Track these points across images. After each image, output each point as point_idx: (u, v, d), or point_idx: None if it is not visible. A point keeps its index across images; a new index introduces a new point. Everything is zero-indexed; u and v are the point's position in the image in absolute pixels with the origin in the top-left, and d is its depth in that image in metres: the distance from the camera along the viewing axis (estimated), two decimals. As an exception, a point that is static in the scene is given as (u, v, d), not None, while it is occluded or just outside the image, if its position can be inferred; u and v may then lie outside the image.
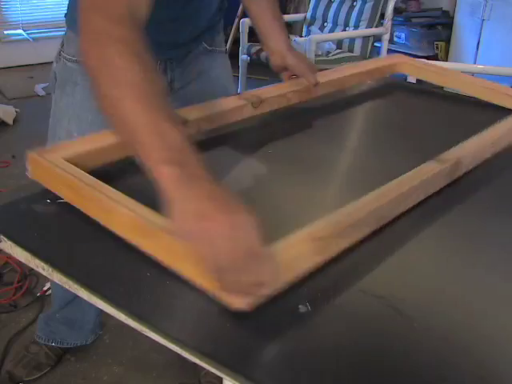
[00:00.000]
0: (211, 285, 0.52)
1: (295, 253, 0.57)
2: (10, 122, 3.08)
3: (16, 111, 3.16)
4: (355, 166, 0.92)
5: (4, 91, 3.51)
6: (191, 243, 0.49)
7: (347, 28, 3.26)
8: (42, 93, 3.41)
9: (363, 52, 3.18)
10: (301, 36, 3.40)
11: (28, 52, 3.93)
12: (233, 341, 0.52)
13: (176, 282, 0.59)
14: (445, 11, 3.68)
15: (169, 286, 0.58)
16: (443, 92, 1.28)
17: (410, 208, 0.73)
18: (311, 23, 3.47)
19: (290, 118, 1.06)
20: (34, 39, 3.98)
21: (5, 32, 3.95)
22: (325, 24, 3.39)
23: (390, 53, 3.46)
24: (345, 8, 3.28)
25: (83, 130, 1.04)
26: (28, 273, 1.84)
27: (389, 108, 1.20)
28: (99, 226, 0.69)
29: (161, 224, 0.56)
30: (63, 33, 1.14)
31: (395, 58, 1.32)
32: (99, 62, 0.59)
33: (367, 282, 0.61)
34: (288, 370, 0.49)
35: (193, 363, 0.52)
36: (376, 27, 3.15)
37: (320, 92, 1.10)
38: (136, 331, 0.54)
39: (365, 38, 3.16)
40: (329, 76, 1.16)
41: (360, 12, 3.19)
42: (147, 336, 0.53)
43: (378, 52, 3.20)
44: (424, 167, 0.75)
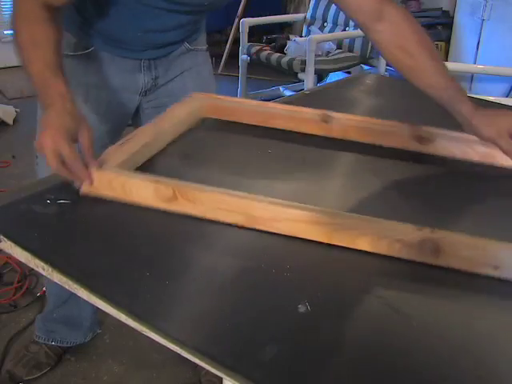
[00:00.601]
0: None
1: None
2: (10, 122, 3.08)
3: (16, 111, 3.16)
4: (355, 165, 0.93)
5: (4, 91, 3.51)
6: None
7: (347, 28, 3.26)
8: (42, 93, 3.40)
9: (363, 52, 3.18)
10: (301, 36, 3.40)
11: (28, 52, 3.93)
12: (233, 341, 0.52)
13: (176, 282, 0.59)
14: (445, 11, 3.68)
15: (169, 286, 0.58)
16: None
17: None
18: (311, 23, 3.47)
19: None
20: (34, 39, 3.98)
21: (5, 32, 3.95)
22: (325, 24, 3.39)
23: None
24: (345, 8, 3.27)
25: None
26: (28, 273, 1.84)
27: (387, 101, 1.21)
28: (99, 226, 0.69)
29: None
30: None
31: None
32: (27, 36, 0.85)
33: (367, 282, 0.61)
34: (288, 370, 0.49)
35: (193, 363, 0.52)
36: (376, 27, 3.14)
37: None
38: (136, 331, 0.54)
39: (365, 38, 3.15)
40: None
41: (360, 12, 3.18)
42: (147, 336, 0.53)
43: (378, 52, 3.20)
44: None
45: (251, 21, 3.29)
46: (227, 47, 4.19)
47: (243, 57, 3.25)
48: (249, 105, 1.04)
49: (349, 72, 3.21)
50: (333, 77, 3.44)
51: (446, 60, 3.46)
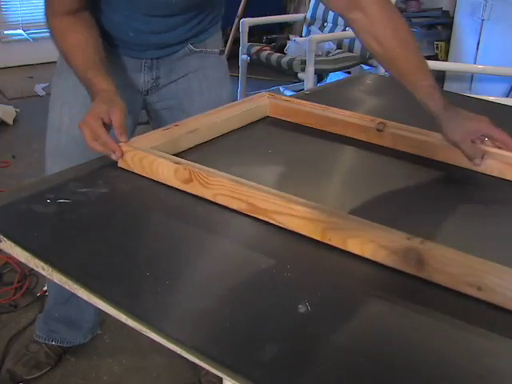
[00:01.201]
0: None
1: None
2: (10, 122, 3.08)
3: (16, 111, 3.16)
4: (355, 165, 0.93)
5: (4, 91, 3.51)
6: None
7: (347, 28, 3.25)
8: (42, 93, 3.41)
9: (363, 52, 3.17)
10: (301, 36, 3.40)
11: (28, 52, 3.93)
12: (233, 341, 0.52)
13: (176, 282, 0.59)
14: (445, 11, 3.68)
15: (169, 286, 0.58)
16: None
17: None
18: (311, 23, 3.47)
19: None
20: (34, 39, 3.98)
21: (5, 32, 3.95)
22: (325, 24, 3.39)
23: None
24: (345, 8, 3.27)
25: (73, 116, 1.10)
26: (28, 273, 1.84)
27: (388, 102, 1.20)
28: (99, 226, 0.69)
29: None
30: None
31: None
32: (65, 45, 1.00)
33: (367, 283, 0.61)
34: (288, 370, 0.49)
35: (193, 363, 0.52)
36: (376, 27, 3.14)
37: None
38: (136, 331, 0.54)
39: (365, 38, 3.15)
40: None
41: (360, 12, 3.18)
42: (147, 336, 0.53)
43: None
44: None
45: (251, 21, 3.29)
46: (227, 47, 4.19)
47: (243, 57, 3.25)
48: (314, 108, 1.03)
49: (349, 72, 3.21)
50: (333, 77, 3.44)
51: (446, 60, 3.46)
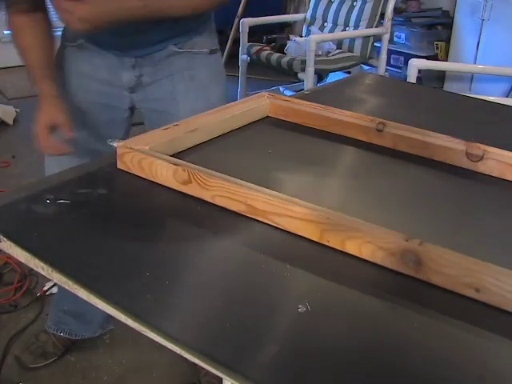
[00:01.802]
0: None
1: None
2: (10, 122, 3.08)
3: (16, 111, 3.16)
4: (354, 165, 0.93)
5: (4, 91, 3.51)
6: None
7: (347, 28, 3.26)
8: (42, 93, 3.41)
9: (363, 52, 3.18)
10: (301, 36, 3.40)
11: (28, 52, 3.93)
12: (233, 341, 0.52)
13: (176, 282, 0.59)
14: (445, 11, 3.68)
15: (169, 286, 0.58)
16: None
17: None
18: (311, 23, 3.47)
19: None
20: (34, 39, 3.98)
21: (5, 32, 3.95)
22: (325, 24, 3.39)
23: (390, 53, 3.47)
24: (345, 8, 3.28)
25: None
26: (28, 273, 1.84)
27: (389, 103, 1.20)
28: (99, 227, 0.69)
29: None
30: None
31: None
32: (20, 43, 1.12)
33: (367, 283, 0.61)
34: (288, 370, 0.49)
35: (193, 363, 0.52)
36: (376, 27, 3.15)
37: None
38: (136, 331, 0.54)
39: (365, 38, 3.16)
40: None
41: (360, 12, 3.19)
42: (147, 336, 0.53)
43: (378, 52, 3.21)
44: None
45: (251, 21, 3.29)
46: (227, 47, 4.19)
47: (243, 57, 3.25)
48: (314, 108, 1.02)
49: (349, 72, 3.21)
50: (333, 77, 3.44)
51: (446, 60, 3.47)
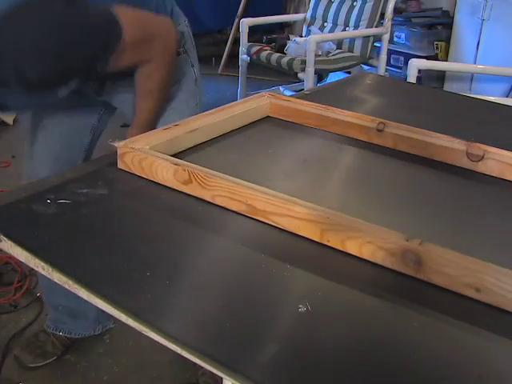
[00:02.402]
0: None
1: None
2: (10, 122, 3.08)
3: (16, 111, 3.15)
4: (354, 165, 0.93)
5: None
6: None
7: (347, 28, 3.26)
8: (42, 93, 3.41)
9: (363, 52, 3.18)
10: (301, 36, 3.40)
11: (28, 52, 3.93)
12: (233, 341, 0.52)
13: (176, 282, 0.59)
14: (445, 11, 3.68)
15: (169, 286, 0.58)
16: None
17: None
18: (311, 23, 3.47)
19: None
20: (34, 39, 3.98)
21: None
22: (325, 24, 3.39)
23: (390, 53, 3.47)
24: (345, 8, 3.28)
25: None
26: (28, 273, 1.84)
27: (389, 103, 1.21)
28: (99, 226, 0.69)
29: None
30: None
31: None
32: None
33: (367, 283, 0.61)
34: (288, 370, 0.49)
35: (192, 363, 0.52)
36: (376, 27, 3.15)
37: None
38: (136, 331, 0.54)
39: (365, 38, 3.16)
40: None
41: (360, 12, 3.19)
42: (147, 336, 0.53)
43: (378, 52, 3.21)
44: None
45: (251, 21, 3.29)
46: (227, 47, 4.19)
47: (243, 57, 3.25)
48: (314, 108, 1.02)
49: (349, 72, 3.21)
50: (333, 77, 3.44)
51: (446, 60, 3.47)
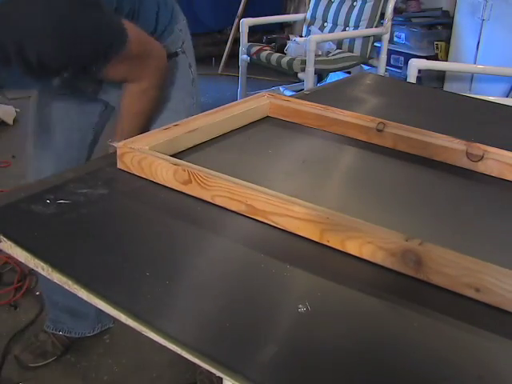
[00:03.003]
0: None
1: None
2: (10, 122, 3.08)
3: (16, 111, 3.16)
4: (354, 165, 0.93)
5: (4, 91, 3.51)
6: None
7: (347, 28, 3.26)
8: (42, 93, 3.41)
9: (363, 52, 3.18)
10: (301, 36, 3.40)
11: (28, 52, 3.93)
12: (233, 341, 0.52)
13: (176, 282, 0.59)
14: (445, 11, 3.68)
15: (169, 286, 0.58)
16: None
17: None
18: (311, 23, 3.47)
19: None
20: (34, 39, 3.98)
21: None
22: (325, 24, 3.39)
23: (390, 53, 3.47)
24: (345, 8, 3.28)
25: None
26: (28, 273, 1.84)
27: (389, 103, 1.21)
28: (99, 227, 0.69)
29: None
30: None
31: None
32: None
33: (368, 283, 0.61)
34: (288, 370, 0.49)
35: (192, 363, 0.52)
36: (376, 27, 3.15)
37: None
38: (136, 331, 0.54)
39: (365, 38, 3.16)
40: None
41: (360, 12, 3.19)
42: (147, 336, 0.53)
43: (378, 52, 3.21)
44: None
45: (251, 21, 3.29)
46: (227, 47, 4.19)
47: (243, 57, 3.25)
48: (314, 108, 1.02)
49: (349, 72, 3.21)
50: (333, 77, 3.44)
51: (446, 60, 3.47)
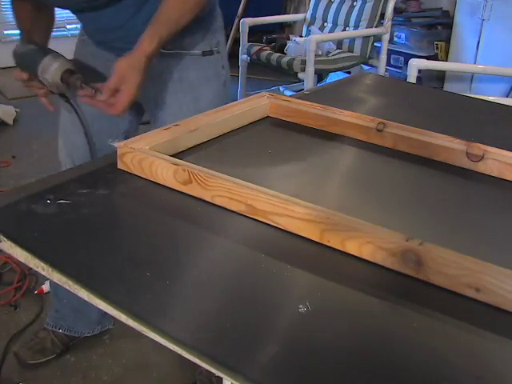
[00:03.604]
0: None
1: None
2: (10, 122, 3.08)
3: (16, 111, 3.16)
4: (354, 165, 0.93)
5: (4, 91, 3.51)
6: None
7: (347, 28, 3.26)
8: (42, 93, 3.41)
9: (363, 52, 3.18)
10: (301, 36, 3.40)
11: (28, 52, 3.93)
12: (233, 341, 0.52)
13: (176, 282, 0.59)
14: (445, 11, 3.68)
15: (169, 286, 0.58)
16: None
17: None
18: (311, 23, 3.47)
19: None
20: (34, 39, 3.98)
21: (5, 32, 3.95)
22: (325, 24, 3.39)
23: (390, 53, 3.47)
24: (345, 8, 3.28)
25: None
26: (28, 273, 1.84)
27: (388, 104, 1.21)
28: (99, 227, 0.69)
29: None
30: (63, 33, 1.23)
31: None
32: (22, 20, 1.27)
33: (368, 283, 0.61)
34: (288, 370, 0.49)
35: (192, 363, 0.52)
36: (376, 27, 3.15)
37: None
38: (136, 331, 0.54)
39: (365, 38, 3.16)
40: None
41: (360, 12, 3.19)
42: (147, 336, 0.53)
43: (378, 52, 3.21)
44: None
45: (251, 21, 3.29)
46: (227, 47, 4.19)
47: (243, 57, 3.25)
48: (314, 108, 1.02)
49: (349, 72, 3.21)
50: (333, 77, 3.44)
51: (446, 60, 3.47)
